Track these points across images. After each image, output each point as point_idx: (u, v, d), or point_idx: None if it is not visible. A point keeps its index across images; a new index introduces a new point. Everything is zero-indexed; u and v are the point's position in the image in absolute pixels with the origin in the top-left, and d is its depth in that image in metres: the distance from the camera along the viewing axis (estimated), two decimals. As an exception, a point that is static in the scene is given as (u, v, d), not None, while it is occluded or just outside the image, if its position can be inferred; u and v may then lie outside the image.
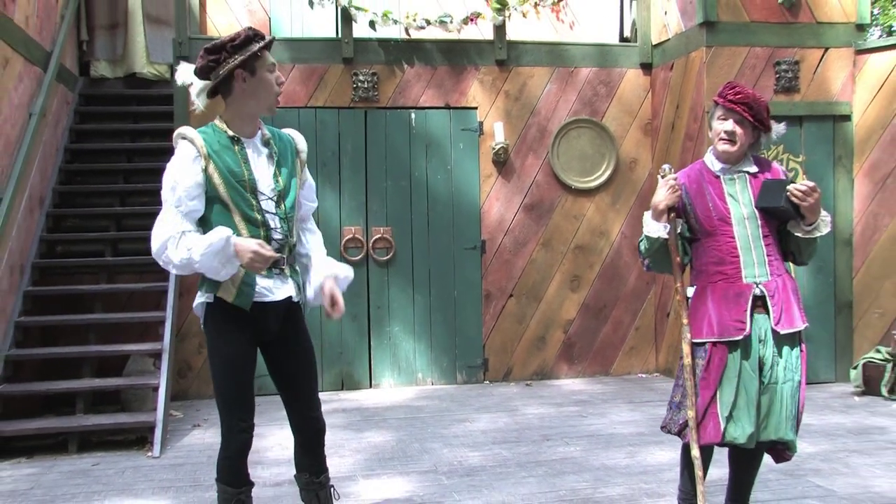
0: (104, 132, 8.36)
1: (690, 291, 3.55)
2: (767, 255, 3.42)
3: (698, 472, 3.40)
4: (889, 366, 6.63)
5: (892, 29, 16.38)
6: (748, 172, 3.48)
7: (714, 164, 3.52)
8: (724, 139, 3.42)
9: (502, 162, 7.68)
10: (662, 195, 3.44)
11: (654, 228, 3.48)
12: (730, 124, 3.41)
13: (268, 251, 3.05)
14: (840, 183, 7.21)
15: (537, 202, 7.77)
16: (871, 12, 10.53)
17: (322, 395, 7.08)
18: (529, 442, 5.55)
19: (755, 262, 3.41)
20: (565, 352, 7.84)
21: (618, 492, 4.44)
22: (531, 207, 7.76)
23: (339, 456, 5.25)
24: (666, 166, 3.57)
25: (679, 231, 3.51)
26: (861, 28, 7.23)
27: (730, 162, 3.47)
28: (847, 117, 7.19)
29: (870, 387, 6.73)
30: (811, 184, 3.28)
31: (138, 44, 8.87)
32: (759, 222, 3.42)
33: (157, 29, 8.88)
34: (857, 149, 7.20)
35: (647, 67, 7.95)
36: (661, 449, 5.26)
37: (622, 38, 9.05)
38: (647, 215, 3.53)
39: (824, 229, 3.40)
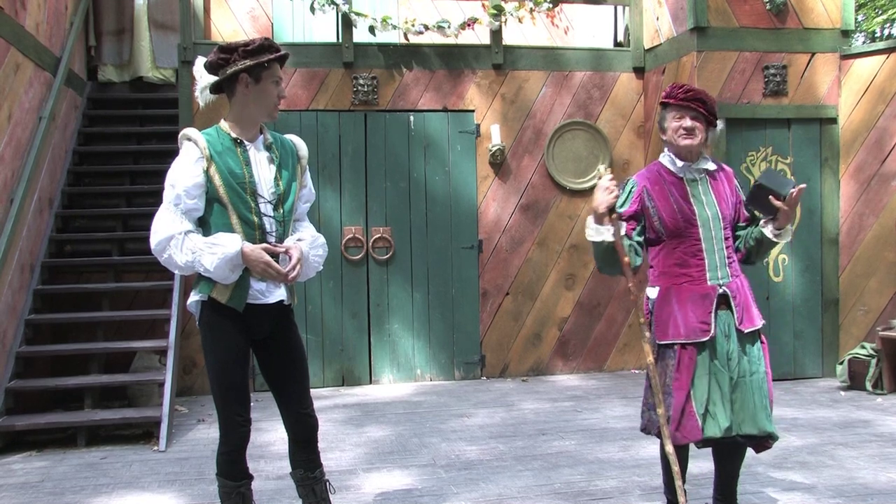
0: (111, 135, 8.48)
1: (653, 292, 3.55)
2: (728, 258, 3.47)
3: (674, 467, 3.41)
4: (873, 361, 6.71)
5: (876, 35, 16.42)
6: (707, 170, 3.52)
7: (675, 163, 3.52)
8: (684, 135, 3.43)
9: (499, 163, 7.76)
10: (602, 198, 3.38)
11: (598, 232, 3.42)
12: (688, 121, 3.43)
13: (276, 266, 3.13)
14: (826, 184, 7.30)
15: (533, 203, 7.86)
16: (856, 19, 10.58)
17: (323, 391, 7.31)
18: (525, 436, 5.59)
19: (718, 265, 3.44)
20: (560, 348, 7.93)
21: (611, 485, 4.49)
22: (527, 208, 7.85)
23: (340, 450, 5.30)
24: (601, 167, 3.56)
25: (624, 233, 3.46)
26: (846, 34, 7.34)
27: (690, 159, 3.49)
28: (833, 120, 7.28)
29: (855, 382, 6.82)
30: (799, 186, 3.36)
31: (144, 49, 9.01)
32: (721, 224, 3.45)
33: (162, 34, 9.02)
34: (843, 151, 7.28)
35: (639, 71, 8.03)
36: (653, 443, 5.18)
37: (615, 43, 9.19)
38: (590, 220, 3.47)
39: (788, 237, 3.47)
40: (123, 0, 9.04)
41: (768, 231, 3.45)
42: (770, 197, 3.38)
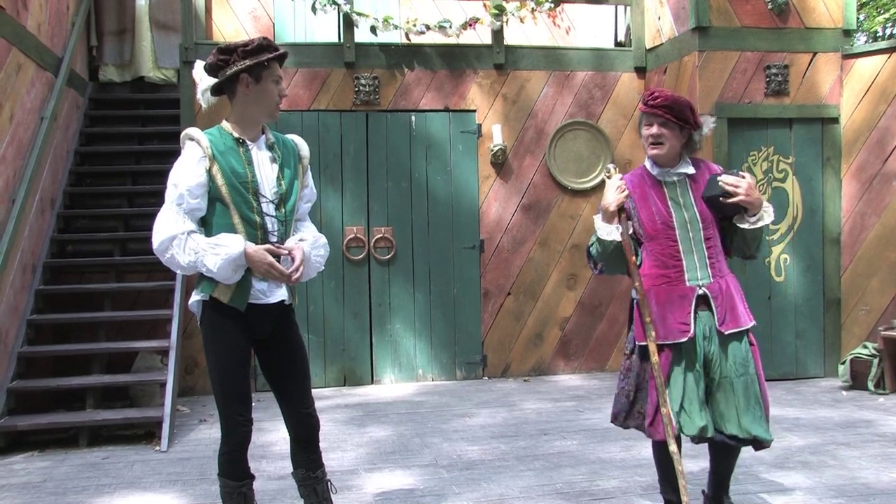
0: (113, 135, 8.50)
1: (635, 294, 3.54)
2: (709, 258, 3.46)
3: (678, 466, 3.40)
4: (875, 361, 6.70)
5: (878, 34, 16.42)
6: (686, 174, 3.52)
7: (653, 168, 3.56)
8: (652, 143, 3.47)
9: (500, 163, 7.76)
10: (612, 196, 3.45)
11: (607, 230, 3.47)
12: (654, 128, 3.45)
13: (280, 267, 3.14)
14: (828, 183, 7.29)
15: (534, 202, 7.86)
16: (858, 18, 10.56)
17: (324, 391, 7.32)
18: (527, 436, 5.60)
19: (697, 266, 3.44)
20: (562, 348, 7.92)
21: (613, 484, 4.49)
22: (529, 207, 7.85)
23: (342, 450, 5.31)
24: (610, 166, 3.58)
25: (630, 232, 3.51)
26: (848, 33, 7.32)
27: (665, 164, 3.51)
28: (835, 120, 7.26)
29: (857, 381, 6.82)
30: (742, 174, 3.38)
31: (146, 49, 9.03)
32: (701, 225, 3.45)
33: (164, 34, 9.04)
34: (845, 150, 7.27)
35: (641, 71, 8.03)
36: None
37: (617, 43, 9.19)
38: (598, 218, 3.52)
39: (767, 219, 3.44)
40: (125, 0, 9.06)
41: (745, 224, 3.46)
42: (721, 199, 3.41)
